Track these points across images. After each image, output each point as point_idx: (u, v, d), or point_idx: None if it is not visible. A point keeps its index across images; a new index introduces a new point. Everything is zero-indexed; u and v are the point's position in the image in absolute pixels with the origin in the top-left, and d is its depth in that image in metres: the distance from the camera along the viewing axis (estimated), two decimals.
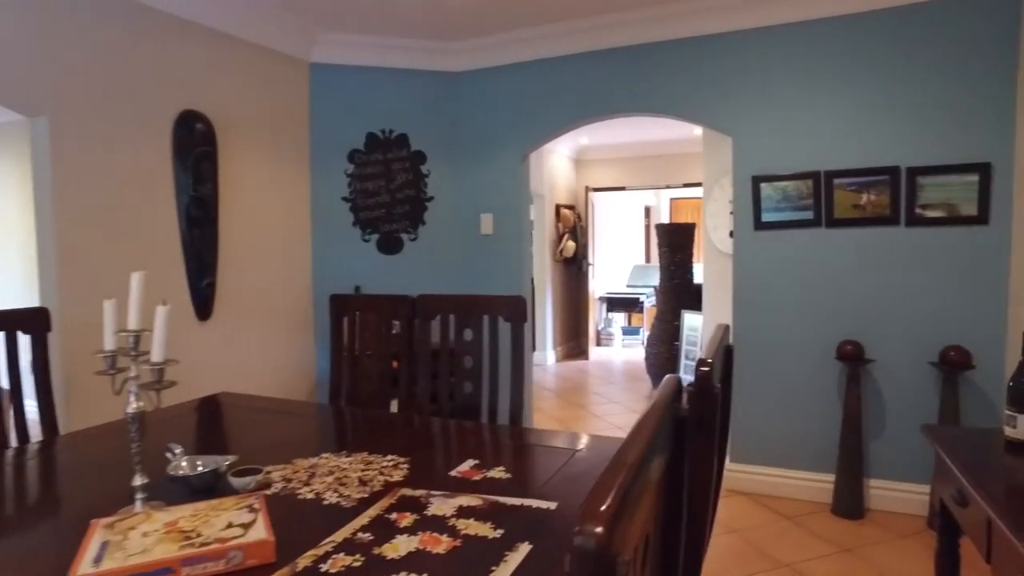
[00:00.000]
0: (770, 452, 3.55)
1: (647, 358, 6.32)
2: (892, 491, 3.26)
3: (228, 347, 3.47)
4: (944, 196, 3.11)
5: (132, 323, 1.38)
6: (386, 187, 4.17)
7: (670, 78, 3.66)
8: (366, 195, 4.13)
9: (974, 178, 3.05)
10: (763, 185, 3.46)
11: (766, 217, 3.48)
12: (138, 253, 3.00)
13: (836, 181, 3.30)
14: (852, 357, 3.20)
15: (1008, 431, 1.69)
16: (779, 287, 3.48)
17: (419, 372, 2.32)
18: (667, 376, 0.97)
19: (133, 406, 1.37)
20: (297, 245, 3.95)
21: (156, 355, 1.38)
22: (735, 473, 3.62)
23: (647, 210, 11.32)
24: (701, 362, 1.08)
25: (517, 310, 2.18)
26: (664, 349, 6.15)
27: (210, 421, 2.11)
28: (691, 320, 5.94)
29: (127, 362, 1.38)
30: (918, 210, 3.15)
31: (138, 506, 1.33)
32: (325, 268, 4.07)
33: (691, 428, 0.98)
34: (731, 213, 3.81)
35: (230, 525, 1.17)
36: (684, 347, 6.00)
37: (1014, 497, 1.40)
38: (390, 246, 4.21)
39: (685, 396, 1.01)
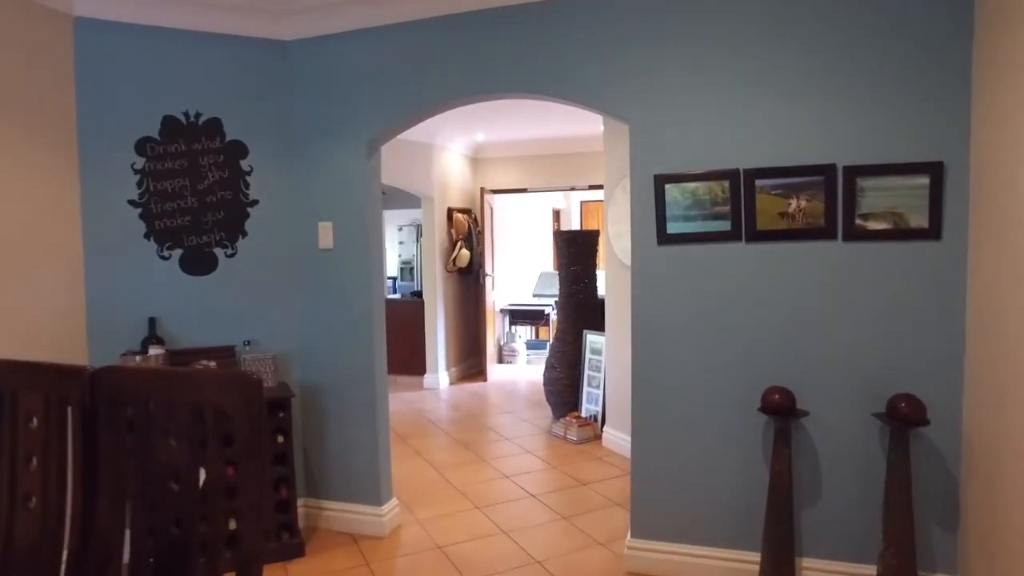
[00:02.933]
0: (679, 525, 2.80)
1: (546, 383, 5.55)
2: (830, 572, 2.57)
3: None
4: (889, 203, 2.44)
5: None
6: (192, 188, 3.17)
7: (549, 50, 2.87)
8: (164, 198, 3.12)
9: (924, 180, 2.40)
10: (668, 187, 2.72)
11: (672, 228, 2.73)
12: None
13: (759, 183, 2.58)
14: (780, 409, 2.49)
15: None
16: (689, 317, 2.74)
17: (101, 505, 1.38)
18: None
19: None
20: (56, 264, 2.89)
21: None
22: (636, 552, 2.85)
23: (556, 213, 10.65)
24: None
25: (245, 396, 1.27)
26: (565, 373, 5.39)
27: None
28: (594, 341, 5.20)
29: None
30: (858, 220, 2.48)
31: None
32: (104, 295, 3.03)
33: None
34: None
35: None
36: (586, 372, 5.26)
37: None
38: (199, 264, 3.21)
39: None
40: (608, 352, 4.80)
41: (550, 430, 5.22)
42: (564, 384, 5.38)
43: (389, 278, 11.60)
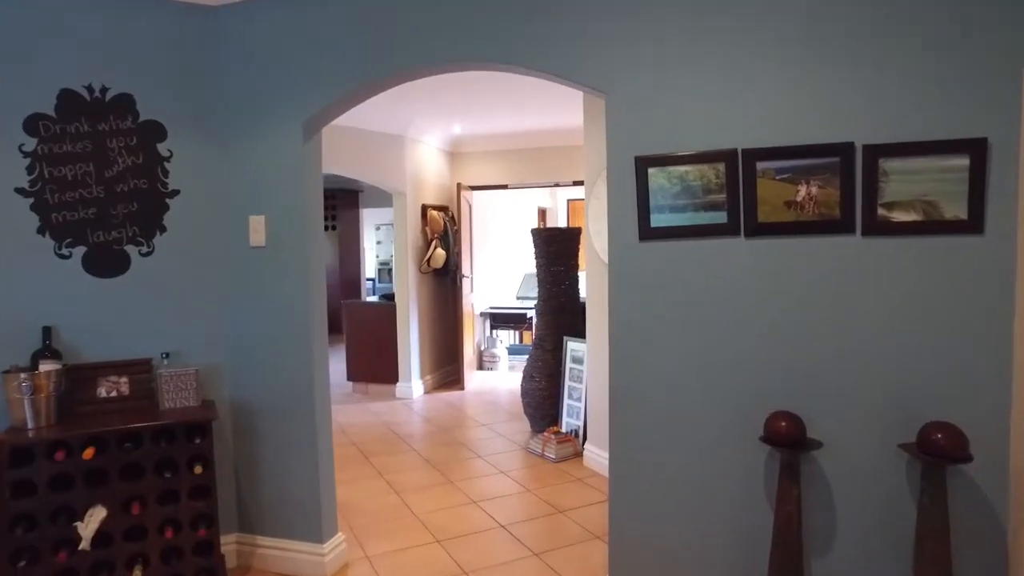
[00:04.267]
0: (666, 569, 2.36)
1: (524, 394, 5.10)
2: None
3: None
4: (919, 189, 2.01)
5: None
6: (98, 175, 2.71)
7: (508, 6, 2.42)
8: (63, 186, 2.65)
9: (962, 161, 1.97)
10: (652, 172, 2.28)
11: (657, 220, 2.29)
12: None
13: (761, 166, 2.15)
14: (788, 439, 2.06)
15: None
16: (676, 326, 2.30)
17: None
18: None
19: None
20: None
21: None
22: None
23: (542, 213, 10.20)
24: None
25: None
26: (545, 383, 4.94)
27: None
28: (575, 349, 4.76)
29: None
30: (881, 211, 2.04)
31: None
32: None
33: None
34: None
35: None
36: (567, 383, 4.82)
37: None
38: (107, 264, 2.75)
39: None
40: (589, 361, 4.36)
41: (527, 446, 4.77)
42: (543, 396, 4.93)
43: (367, 280, 11.13)
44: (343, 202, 10.55)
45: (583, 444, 4.51)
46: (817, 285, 2.12)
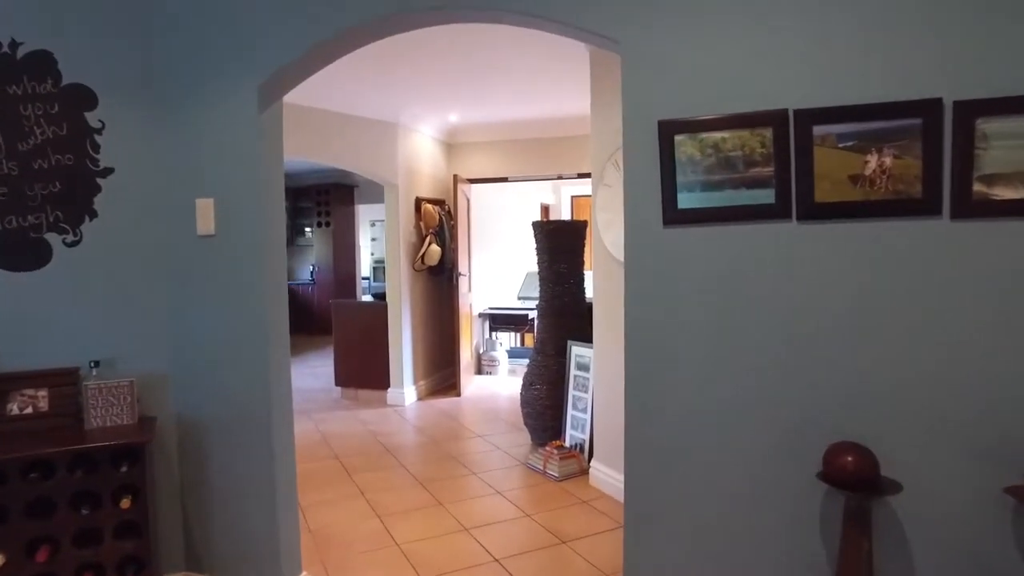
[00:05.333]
0: None
1: (524, 403, 4.65)
2: None
3: None
4: None
5: None
6: (9, 147, 2.26)
7: None
8: None
9: None
10: (680, 140, 1.82)
11: (686, 201, 1.84)
12: None
13: (818, 130, 1.69)
14: (857, 479, 1.60)
15: None
16: (710, 336, 1.84)
17: None
18: None
19: None
20: None
21: None
22: None
23: (545, 209, 9.75)
24: None
25: None
26: (546, 392, 4.49)
27: None
28: (580, 355, 4.30)
29: None
30: (978, 186, 1.59)
31: None
32: None
33: None
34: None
35: None
36: (571, 392, 4.36)
37: None
38: (22, 254, 2.30)
39: None
40: (596, 368, 3.90)
41: (527, 461, 4.31)
42: (544, 405, 4.48)
43: (363, 278, 10.70)
44: (337, 197, 10.11)
45: (589, 460, 4.05)
46: (891, 282, 1.67)
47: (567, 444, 4.26)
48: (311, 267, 10.51)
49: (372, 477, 4.10)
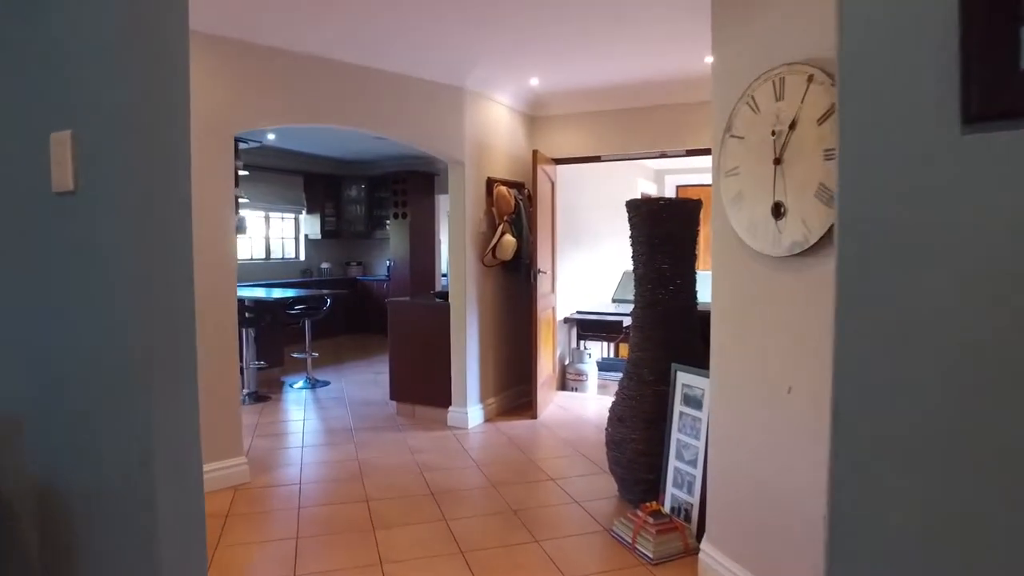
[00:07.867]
0: None
1: (609, 443, 3.49)
2: None
3: None
4: None
5: None
6: None
7: None
8: None
9: None
10: None
11: None
12: None
13: None
14: None
15: None
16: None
17: None
18: None
19: None
20: None
21: None
22: None
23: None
24: None
25: None
26: (641, 432, 3.31)
27: None
28: (690, 385, 3.09)
29: None
30: None
31: None
32: None
33: None
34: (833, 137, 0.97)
35: None
36: (675, 435, 3.16)
37: None
38: None
39: None
40: (715, 406, 2.68)
41: (612, 527, 3.15)
42: (637, 451, 3.30)
43: (443, 275, 9.82)
44: (414, 186, 9.28)
45: (698, 537, 2.85)
46: None
47: (666, 508, 3.07)
48: (387, 262, 9.76)
49: (401, 536, 3.08)
